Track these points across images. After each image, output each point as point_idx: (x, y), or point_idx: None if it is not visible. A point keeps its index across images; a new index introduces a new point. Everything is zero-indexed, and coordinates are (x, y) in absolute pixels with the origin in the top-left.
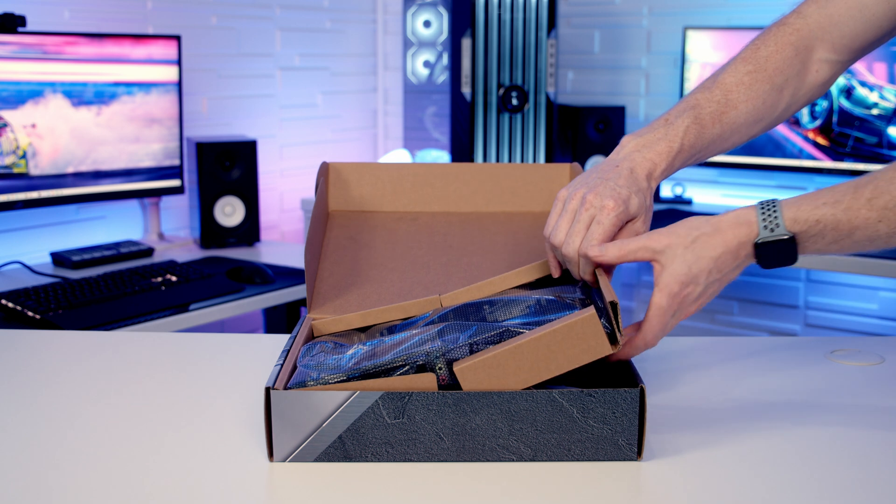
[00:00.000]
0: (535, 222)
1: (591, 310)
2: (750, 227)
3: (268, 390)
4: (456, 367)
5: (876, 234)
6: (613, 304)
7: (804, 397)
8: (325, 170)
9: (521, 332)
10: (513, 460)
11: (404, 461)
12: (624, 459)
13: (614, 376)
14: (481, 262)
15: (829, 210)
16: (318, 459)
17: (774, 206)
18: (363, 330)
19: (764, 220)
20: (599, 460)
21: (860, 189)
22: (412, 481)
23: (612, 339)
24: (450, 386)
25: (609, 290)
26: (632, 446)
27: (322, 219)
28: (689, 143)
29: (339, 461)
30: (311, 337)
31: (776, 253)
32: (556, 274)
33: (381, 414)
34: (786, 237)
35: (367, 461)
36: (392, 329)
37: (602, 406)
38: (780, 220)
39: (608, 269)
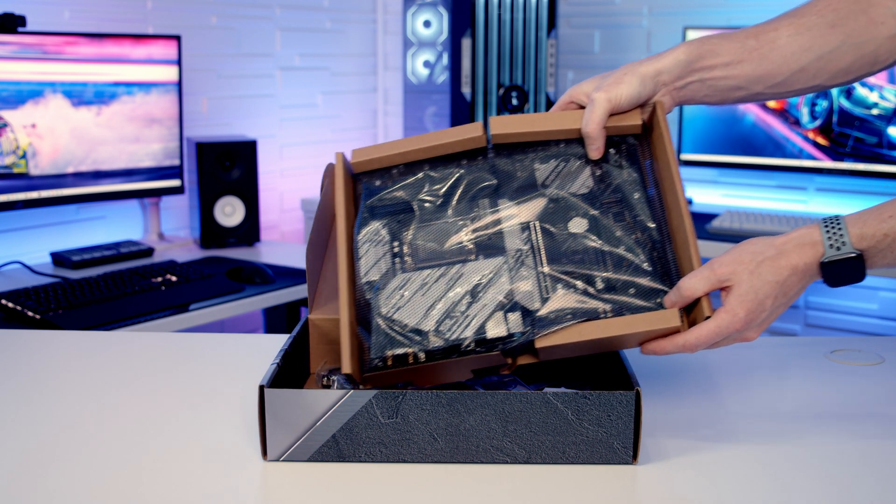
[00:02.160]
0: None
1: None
2: (815, 248)
3: (262, 389)
4: (538, 343)
5: None
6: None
7: (804, 397)
8: (330, 171)
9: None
10: (507, 462)
11: (398, 461)
12: (619, 463)
13: (610, 379)
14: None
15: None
16: (312, 459)
17: (839, 224)
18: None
19: (829, 238)
20: (594, 463)
21: None
22: (405, 481)
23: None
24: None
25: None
26: (627, 449)
27: (326, 220)
28: (709, 49)
29: (332, 461)
30: (306, 335)
31: (844, 271)
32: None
33: (374, 413)
34: (853, 255)
35: (361, 461)
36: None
37: (597, 408)
38: (847, 237)
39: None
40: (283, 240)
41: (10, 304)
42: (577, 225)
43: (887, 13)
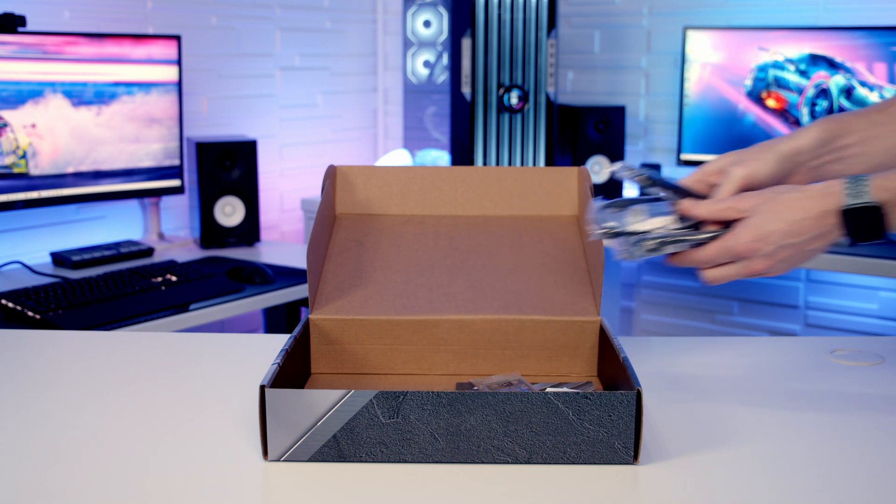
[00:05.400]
0: (542, 226)
1: None
2: (834, 197)
3: (262, 388)
4: None
5: None
6: None
7: (804, 397)
8: (331, 173)
9: None
10: (507, 462)
11: (399, 461)
12: (620, 463)
13: (611, 378)
14: (486, 264)
15: None
16: (313, 459)
17: (864, 178)
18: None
19: (849, 188)
20: (595, 463)
21: None
22: (406, 481)
23: None
24: None
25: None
26: (628, 449)
27: (327, 221)
28: (843, 126)
29: (333, 461)
30: (307, 335)
31: (862, 223)
32: None
33: (375, 413)
34: (871, 204)
35: (362, 461)
36: None
37: (598, 408)
38: (867, 187)
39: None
40: (283, 240)
41: (10, 304)
42: None
43: None
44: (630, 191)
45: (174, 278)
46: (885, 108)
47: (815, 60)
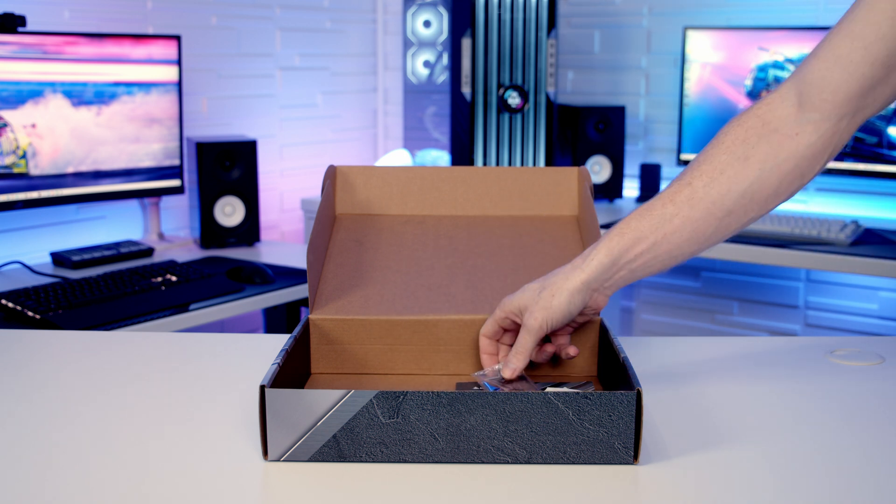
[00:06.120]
0: (542, 226)
1: None
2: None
3: (262, 388)
4: None
5: None
6: None
7: (804, 397)
8: (331, 173)
9: None
10: (508, 462)
11: (399, 461)
12: (620, 463)
13: (611, 378)
14: (486, 265)
15: None
16: (313, 459)
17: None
18: None
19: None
20: (595, 463)
21: None
22: (406, 481)
23: None
24: None
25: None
26: (628, 449)
27: (327, 221)
28: (630, 238)
29: (333, 461)
30: (307, 335)
31: None
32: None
33: (375, 413)
34: None
35: (362, 461)
36: None
37: (598, 408)
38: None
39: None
40: (283, 240)
41: (10, 304)
42: None
43: (800, 123)
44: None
45: (174, 278)
46: (674, 196)
47: None
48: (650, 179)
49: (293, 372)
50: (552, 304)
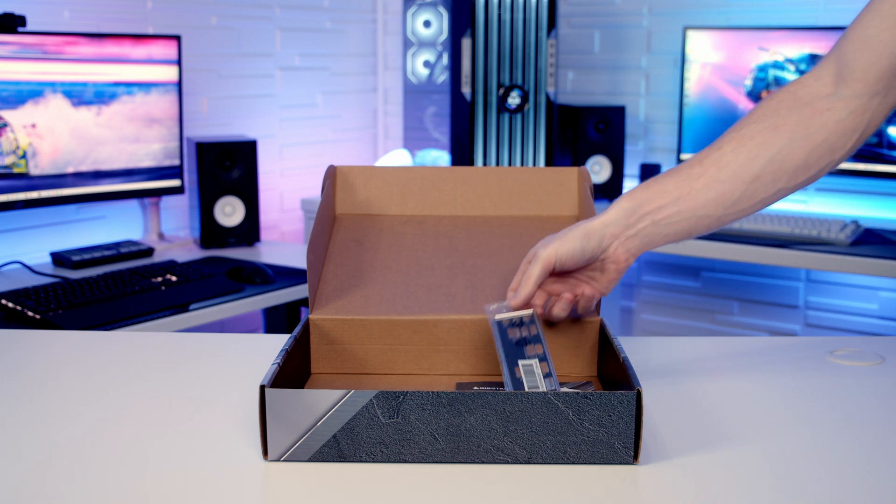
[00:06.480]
0: (542, 226)
1: None
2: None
3: (262, 388)
4: None
5: None
6: None
7: (804, 397)
8: (331, 173)
9: None
10: (508, 462)
11: (399, 461)
12: (620, 463)
13: (611, 378)
14: (486, 265)
15: None
16: (313, 459)
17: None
18: None
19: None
20: (595, 463)
21: None
22: (406, 481)
23: None
24: None
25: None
26: (628, 449)
27: (327, 221)
28: (654, 190)
29: (333, 461)
30: (307, 335)
31: None
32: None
33: (375, 413)
34: None
35: (362, 461)
36: None
37: (598, 408)
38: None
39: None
40: (283, 240)
41: (10, 304)
42: None
43: (832, 99)
44: None
45: (174, 278)
46: (702, 160)
47: (815, 60)
48: None
49: (293, 372)
50: (566, 238)
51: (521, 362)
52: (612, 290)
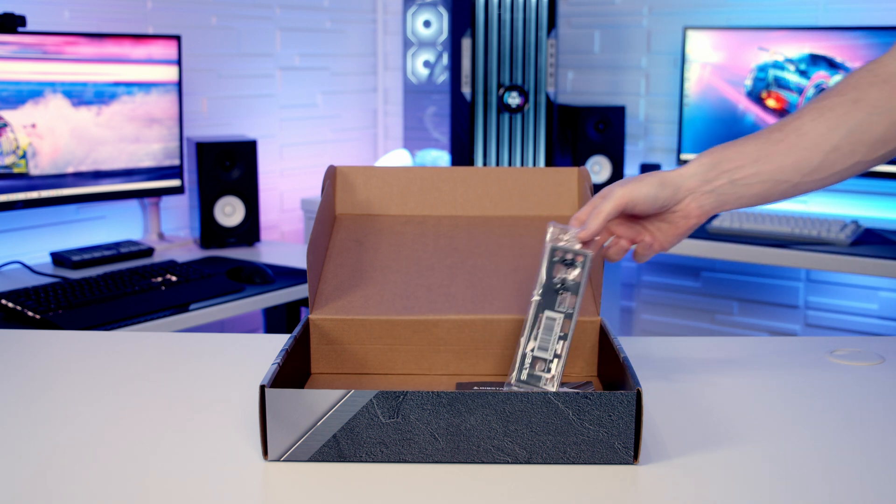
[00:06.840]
0: (542, 226)
1: None
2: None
3: (262, 388)
4: None
5: None
6: None
7: (804, 397)
8: (331, 173)
9: None
10: (508, 462)
11: (399, 461)
12: (620, 463)
13: (611, 378)
14: (486, 265)
15: None
16: (313, 459)
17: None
18: None
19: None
20: (595, 463)
21: None
22: (406, 481)
23: None
24: None
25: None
26: (628, 449)
27: (327, 221)
28: (734, 150)
29: (333, 461)
30: (307, 335)
31: None
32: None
33: (375, 413)
34: None
35: (362, 461)
36: None
37: (598, 408)
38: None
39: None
40: (283, 240)
41: (10, 304)
42: None
43: None
44: None
45: (174, 278)
46: (783, 126)
47: (815, 60)
48: None
49: (293, 372)
50: (642, 182)
51: (547, 312)
52: (612, 290)
